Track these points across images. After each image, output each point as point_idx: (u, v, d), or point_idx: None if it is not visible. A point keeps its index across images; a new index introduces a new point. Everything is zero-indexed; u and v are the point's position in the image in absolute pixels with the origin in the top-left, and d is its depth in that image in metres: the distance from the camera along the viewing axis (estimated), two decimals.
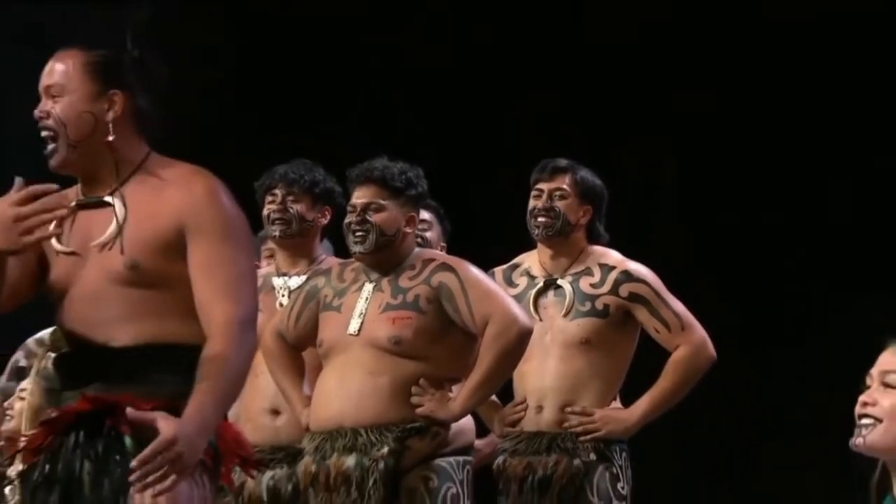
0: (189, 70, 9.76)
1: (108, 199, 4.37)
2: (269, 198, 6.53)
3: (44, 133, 4.43)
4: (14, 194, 4.31)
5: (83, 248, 4.38)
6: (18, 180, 4.53)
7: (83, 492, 4.38)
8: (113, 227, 4.36)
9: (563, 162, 6.44)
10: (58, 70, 4.48)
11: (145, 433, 4.17)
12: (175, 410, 4.22)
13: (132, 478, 4.11)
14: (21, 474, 4.61)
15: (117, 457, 4.26)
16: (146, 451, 4.06)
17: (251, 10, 11.97)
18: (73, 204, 4.44)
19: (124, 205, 4.39)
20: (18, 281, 4.43)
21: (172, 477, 4.10)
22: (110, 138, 4.40)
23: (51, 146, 4.41)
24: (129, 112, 4.43)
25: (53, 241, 4.36)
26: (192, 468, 4.26)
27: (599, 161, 7.46)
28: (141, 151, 4.43)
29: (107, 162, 4.42)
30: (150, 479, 4.09)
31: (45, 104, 4.43)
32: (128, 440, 4.28)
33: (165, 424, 4.07)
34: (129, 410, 4.18)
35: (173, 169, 4.45)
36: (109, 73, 4.46)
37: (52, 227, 4.34)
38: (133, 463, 4.07)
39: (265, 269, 6.63)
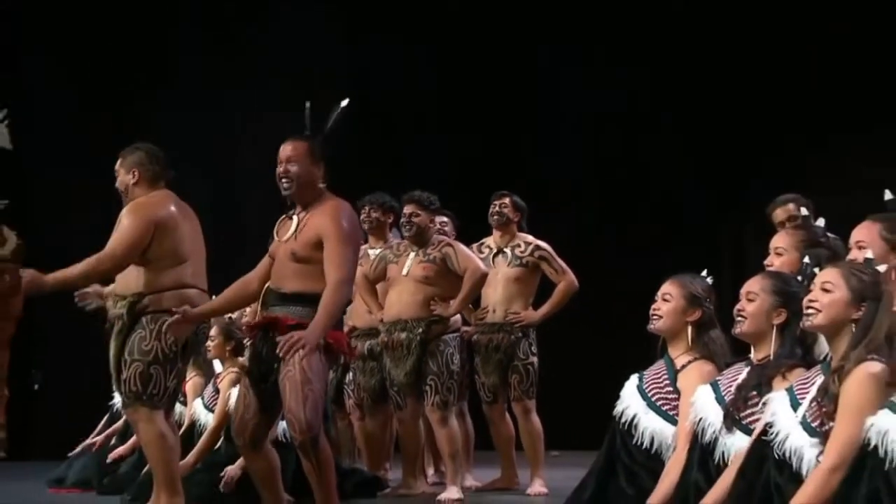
0: None
1: (295, 216, 6.39)
2: (368, 207, 9.29)
3: (284, 181, 6.42)
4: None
5: (281, 238, 6.44)
6: None
7: (264, 358, 6.33)
8: (290, 233, 6.39)
9: (505, 192, 9.45)
10: (292, 149, 6.42)
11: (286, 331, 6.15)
12: (302, 326, 6.13)
13: (277, 350, 6.06)
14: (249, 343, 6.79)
15: (274, 343, 6.17)
16: (281, 342, 6.03)
17: None
18: (285, 216, 6.44)
19: (298, 221, 6.34)
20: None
21: (300, 352, 6.00)
22: (321, 185, 6.39)
23: (286, 185, 6.40)
24: (323, 173, 6.45)
25: (276, 234, 6.45)
26: (312, 348, 6.05)
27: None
28: (321, 190, 6.45)
29: (306, 195, 6.39)
30: (285, 352, 6.02)
31: (286, 164, 6.39)
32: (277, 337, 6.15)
33: (291, 339, 6.01)
34: (278, 334, 6.09)
35: (326, 202, 6.42)
36: (319, 154, 6.43)
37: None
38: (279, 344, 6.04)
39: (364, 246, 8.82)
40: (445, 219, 9.44)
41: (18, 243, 6.43)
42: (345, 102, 6.49)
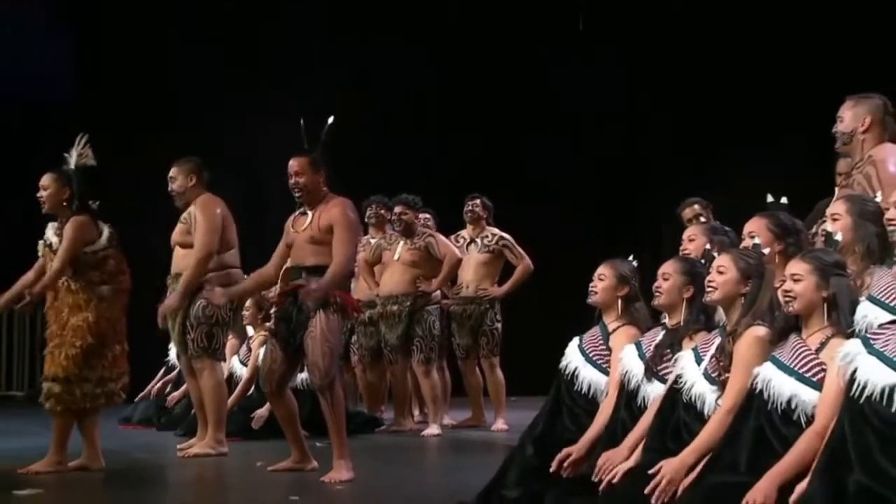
0: None
1: (308, 212, 6.49)
2: (375, 206, 9.33)
3: (296, 191, 6.48)
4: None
5: (298, 230, 6.52)
6: None
7: (293, 317, 6.39)
8: (308, 223, 6.47)
9: (476, 195, 9.40)
10: (298, 164, 6.46)
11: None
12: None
13: (301, 298, 6.18)
14: (274, 312, 6.80)
15: (301, 305, 6.32)
16: (303, 293, 6.21)
17: None
18: (298, 211, 6.47)
19: (312, 215, 6.44)
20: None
21: (317, 300, 6.14)
22: (324, 188, 6.41)
23: (298, 194, 6.49)
24: (325, 178, 6.41)
25: (291, 226, 6.50)
26: (324, 298, 6.14)
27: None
28: (325, 192, 6.49)
29: (314, 198, 6.46)
30: (305, 297, 6.16)
31: (295, 177, 6.45)
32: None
33: (310, 287, 6.17)
34: (302, 290, 6.27)
35: (332, 200, 6.46)
36: (319, 164, 6.48)
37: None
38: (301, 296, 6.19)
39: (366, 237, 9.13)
40: (428, 215, 9.47)
41: (111, 232, 6.68)
42: (331, 119, 6.43)
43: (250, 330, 9.29)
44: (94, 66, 12.38)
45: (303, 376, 7.84)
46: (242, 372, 9.05)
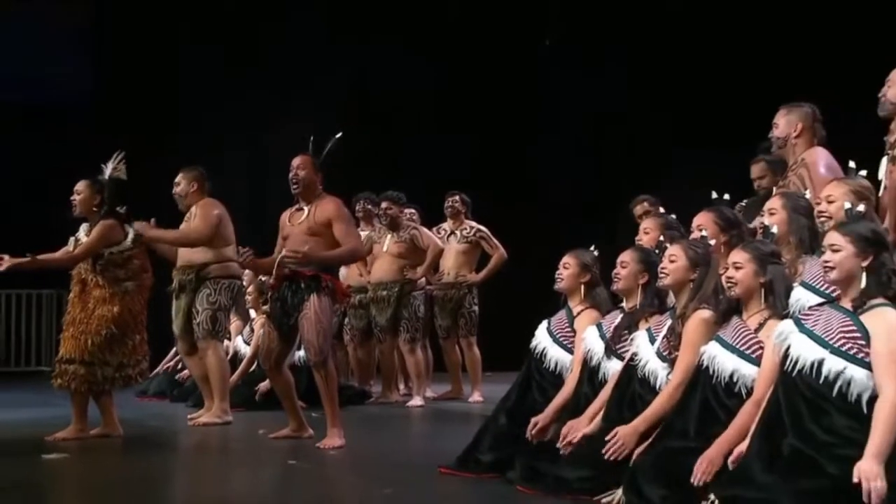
0: None
1: (305, 207, 6.41)
2: (363, 202, 9.24)
3: (294, 183, 6.39)
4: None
5: (294, 223, 6.45)
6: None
7: (288, 300, 6.28)
8: (304, 217, 6.40)
9: (456, 192, 9.30)
10: (301, 161, 6.37)
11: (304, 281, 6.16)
12: (315, 277, 6.21)
13: (287, 260, 6.06)
14: (270, 295, 6.63)
15: (295, 288, 6.25)
16: (290, 257, 6.07)
17: None
18: (294, 207, 6.40)
19: (308, 210, 6.38)
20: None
21: (299, 261, 6.03)
22: (319, 187, 6.41)
23: (295, 186, 6.39)
24: (321, 179, 6.39)
25: (287, 220, 6.40)
26: (306, 262, 6.05)
27: None
28: (320, 191, 6.40)
29: (311, 194, 6.40)
30: (289, 260, 6.04)
31: (296, 170, 6.32)
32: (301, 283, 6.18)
33: (298, 253, 6.01)
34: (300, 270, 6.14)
35: (325, 197, 6.40)
36: (318, 166, 6.38)
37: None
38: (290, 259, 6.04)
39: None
40: (413, 210, 9.41)
41: (137, 234, 6.74)
42: (338, 135, 6.42)
43: (252, 313, 9.28)
44: (110, 72, 12.20)
45: (300, 354, 7.83)
46: (246, 350, 9.03)
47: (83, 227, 6.76)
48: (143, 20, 12.15)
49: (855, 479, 3.53)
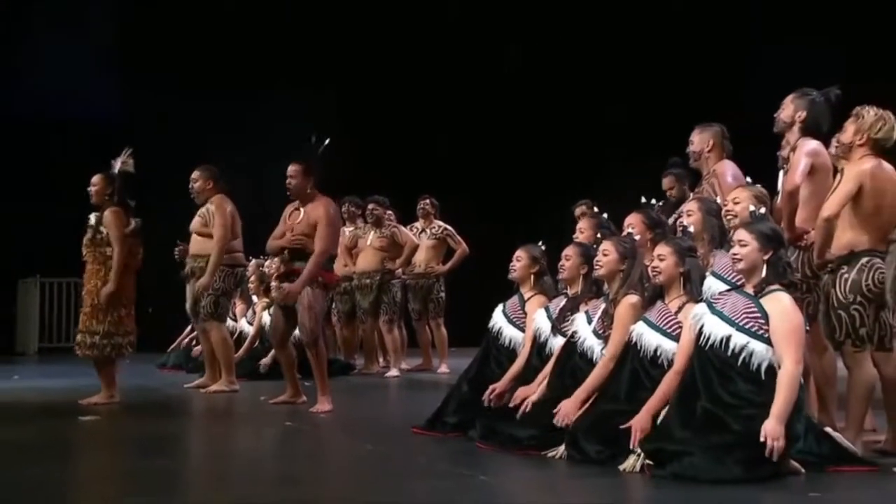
0: None
1: (301, 209, 6.24)
2: (348, 203, 8.93)
3: (288, 191, 6.25)
4: None
5: (293, 222, 6.31)
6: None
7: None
8: (300, 218, 6.24)
9: (427, 195, 9.13)
10: (293, 169, 6.13)
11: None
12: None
13: (283, 293, 6.09)
14: (275, 286, 6.42)
15: (294, 280, 6.11)
16: (278, 294, 6.14)
17: None
18: (295, 206, 6.21)
19: (302, 211, 6.23)
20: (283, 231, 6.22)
21: (294, 300, 6.03)
22: (310, 190, 6.18)
23: (289, 191, 6.25)
24: (313, 182, 6.15)
25: (288, 217, 6.21)
26: (295, 294, 6.01)
27: None
28: (312, 193, 6.21)
29: (301, 197, 6.21)
30: (280, 300, 6.16)
31: (289, 178, 6.20)
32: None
33: (291, 287, 6.02)
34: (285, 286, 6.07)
35: (317, 198, 6.18)
36: (310, 172, 6.22)
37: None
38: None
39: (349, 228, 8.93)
40: (391, 212, 9.28)
41: (136, 225, 6.53)
42: (328, 140, 6.26)
43: (255, 297, 9.15)
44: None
45: (296, 333, 7.77)
46: (249, 330, 8.92)
47: (93, 215, 6.58)
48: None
49: (762, 438, 3.58)
